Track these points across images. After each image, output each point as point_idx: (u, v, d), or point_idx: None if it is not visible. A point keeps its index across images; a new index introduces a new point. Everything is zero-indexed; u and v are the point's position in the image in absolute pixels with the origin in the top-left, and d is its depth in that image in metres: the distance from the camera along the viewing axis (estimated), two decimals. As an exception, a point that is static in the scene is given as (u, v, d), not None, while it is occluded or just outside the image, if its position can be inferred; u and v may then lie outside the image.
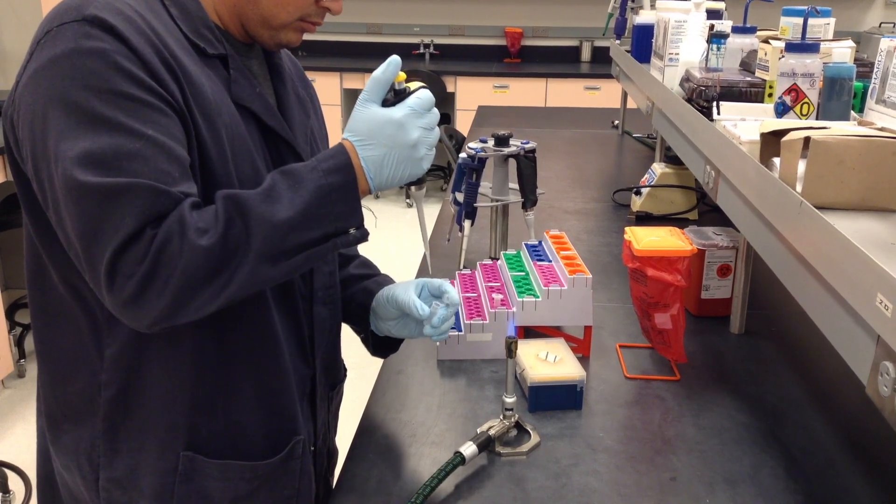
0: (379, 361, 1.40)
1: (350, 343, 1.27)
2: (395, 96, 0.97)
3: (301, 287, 1.09)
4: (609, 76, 3.42)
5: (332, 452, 1.31)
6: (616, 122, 3.42)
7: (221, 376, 1.02)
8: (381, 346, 1.27)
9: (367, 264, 1.33)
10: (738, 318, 1.52)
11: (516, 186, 1.75)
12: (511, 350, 1.09)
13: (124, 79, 0.86)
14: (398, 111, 0.96)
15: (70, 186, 0.84)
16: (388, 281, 1.27)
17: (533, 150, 1.72)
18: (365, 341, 1.28)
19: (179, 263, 0.84)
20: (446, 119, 5.74)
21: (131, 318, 0.88)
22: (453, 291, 1.16)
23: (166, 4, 0.97)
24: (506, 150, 1.70)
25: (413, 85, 0.99)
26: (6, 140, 0.95)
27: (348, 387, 1.34)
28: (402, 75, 0.98)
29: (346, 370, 1.31)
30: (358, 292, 1.25)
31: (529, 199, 1.73)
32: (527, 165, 1.71)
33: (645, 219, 2.17)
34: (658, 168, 2.21)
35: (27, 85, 0.88)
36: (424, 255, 1.16)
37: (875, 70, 1.24)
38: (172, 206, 0.86)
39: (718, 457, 1.14)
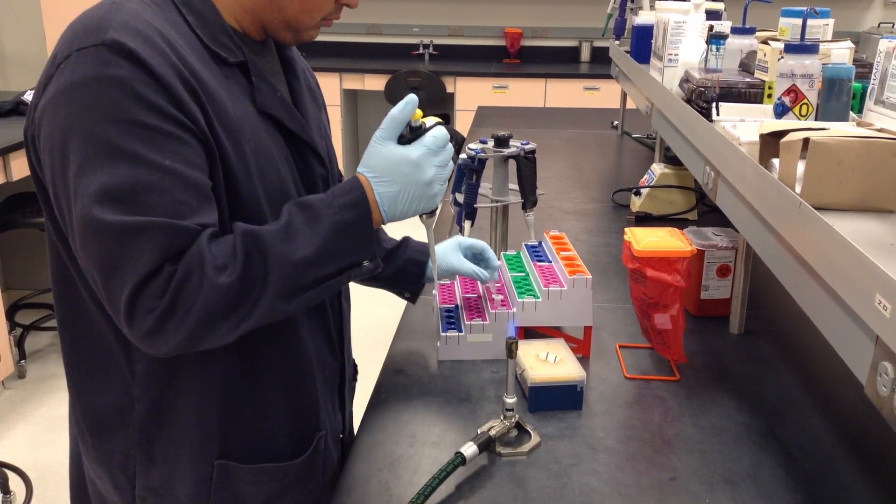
0: (380, 361, 1.40)
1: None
2: (411, 132, 1.00)
3: None
4: (608, 77, 3.42)
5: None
6: (615, 122, 3.42)
7: (250, 385, 1.04)
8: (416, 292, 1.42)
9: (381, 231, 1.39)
10: (738, 318, 1.53)
11: (516, 187, 1.75)
12: (511, 351, 1.10)
13: (143, 108, 0.86)
14: (415, 151, 0.99)
15: (88, 224, 0.86)
16: (418, 245, 1.40)
17: (533, 151, 1.72)
18: (410, 298, 1.42)
19: (198, 300, 0.86)
20: (446, 119, 5.74)
21: (149, 348, 0.90)
22: (493, 257, 1.40)
23: (183, 13, 0.96)
24: (506, 151, 1.70)
25: (429, 121, 1.02)
26: (29, 157, 0.96)
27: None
28: (419, 113, 1.01)
29: (356, 366, 1.33)
30: (407, 263, 1.36)
31: (529, 199, 1.73)
32: (527, 166, 1.72)
33: (644, 219, 2.18)
34: (657, 168, 2.21)
35: (46, 109, 0.89)
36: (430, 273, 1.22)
37: (874, 71, 1.24)
38: (190, 240, 0.87)
39: (718, 456, 1.14)
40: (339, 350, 1.16)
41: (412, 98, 1.00)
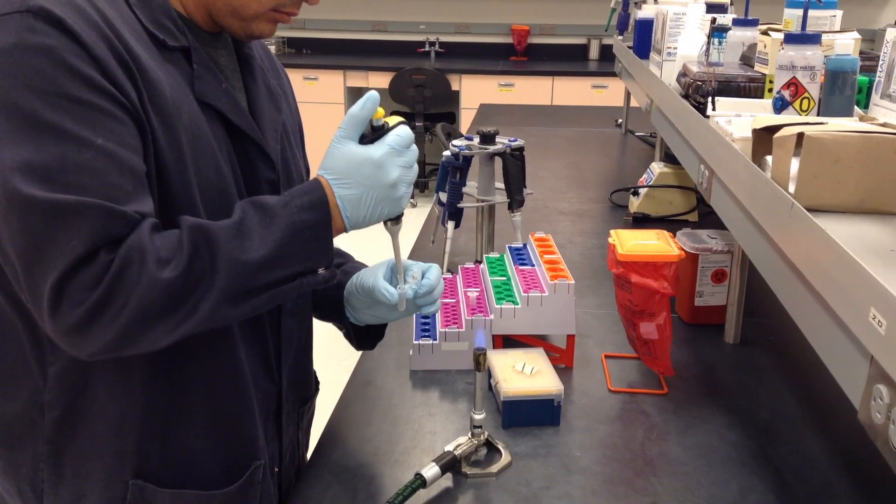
0: (350, 369, 1.32)
1: (330, 355, 1.19)
2: (372, 132, 0.93)
3: None
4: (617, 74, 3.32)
5: (302, 471, 1.22)
6: (619, 120, 3.33)
7: (175, 400, 0.95)
8: (363, 337, 1.17)
9: (338, 253, 1.24)
10: (733, 326, 1.43)
11: (503, 186, 1.67)
12: (479, 363, 1.01)
13: (73, 79, 0.78)
14: (377, 150, 0.91)
15: (12, 199, 0.77)
16: (358, 268, 1.17)
17: (520, 149, 1.64)
18: (347, 336, 1.18)
19: (136, 294, 0.78)
20: (450, 118, 5.65)
21: (73, 346, 0.81)
22: (422, 271, 1.06)
23: None
24: (491, 148, 1.62)
25: (392, 120, 0.95)
26: None
27: (323, 401, 1.25)
28: (381, 111, 0.94)
29: (318, 383, 1.23)
30: (327, 286, 1.15)
31: (516, 199, 1.64)
32: (513, 164, 1.63)
33: (643, 220, 2.08)
34: (657, 167, 2.12)
35: None
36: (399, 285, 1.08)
37: (880, 63, 1.15)
38: (128, 229, 0.79)
39: (704, 480, 1.05)
40: (276, 373, 1.05)
41: (373, 94, 0.92)
